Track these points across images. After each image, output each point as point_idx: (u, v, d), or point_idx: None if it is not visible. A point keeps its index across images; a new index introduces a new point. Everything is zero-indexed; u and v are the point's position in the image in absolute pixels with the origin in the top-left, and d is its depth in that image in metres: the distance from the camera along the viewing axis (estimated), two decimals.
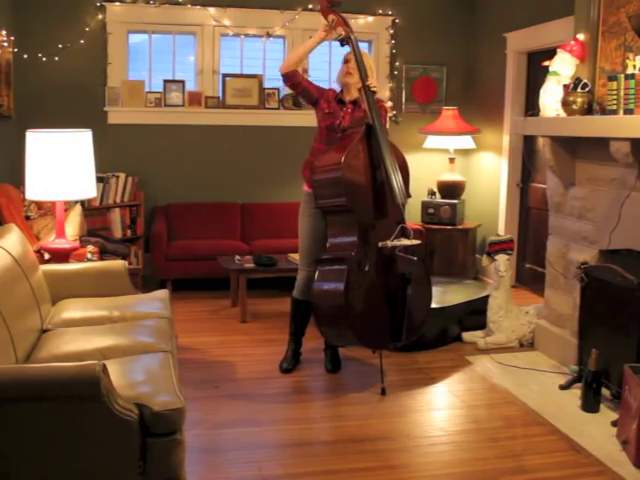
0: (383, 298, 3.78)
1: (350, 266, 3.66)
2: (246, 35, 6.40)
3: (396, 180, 3.76)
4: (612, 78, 3.60)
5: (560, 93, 4.04)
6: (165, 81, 6.31)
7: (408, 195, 3.90)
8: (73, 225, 5.01)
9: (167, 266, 5.81)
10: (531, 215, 6.10)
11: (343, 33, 3.94)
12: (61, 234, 4.24)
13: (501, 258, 4.67)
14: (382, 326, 3.81)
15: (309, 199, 4.01)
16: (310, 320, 4.15)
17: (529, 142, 5.91)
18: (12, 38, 5.56)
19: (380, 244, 3.71)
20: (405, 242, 3.74)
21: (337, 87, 4.14)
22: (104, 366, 2.28)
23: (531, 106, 5.62)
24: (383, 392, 3.83)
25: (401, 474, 3.00)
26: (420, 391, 3.93)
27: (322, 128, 4.02)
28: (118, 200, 6.06)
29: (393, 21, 6.64)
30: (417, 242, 3.78)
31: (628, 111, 3.47)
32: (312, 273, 3.90)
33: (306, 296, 4.02)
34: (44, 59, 5.95)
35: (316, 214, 3.97)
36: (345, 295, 3.62)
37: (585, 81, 3.91)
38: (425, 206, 6.37)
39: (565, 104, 3.96)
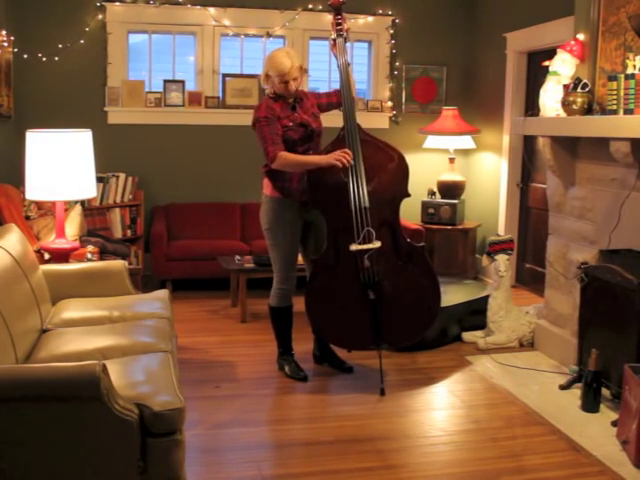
0: (357, 300, 3.82)
1: (317, 266, 3.91)
2: (246, 35, 6.40)
3: (357, 184, 3.75)
4: (612, 78, 3.60)
5: (560, 93, 4.04)
6: (165, 81, 6.31)
7: (397, 195, 3.91)
8: (73, 225, 5.01)
9: (167, 266, 5.81)
10: (531, 215, 6.10)
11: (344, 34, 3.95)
12: (61, 234, 4.24)
13: (501, 258, 4.67)
14: (358, 327, 3.87)
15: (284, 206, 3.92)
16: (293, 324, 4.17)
17: (529, 142, 5.91)
18: (12, 38, 5.56)
19: (351, 248, 3.75)
20: (362, 246, 3.75)
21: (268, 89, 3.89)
22: (104, 366, 2.29)
23: (531, 106, 5.62)
24: (382, 392, 3.84)
25: (401, 474, 3.00)
26: (420, 391, 3.93)
27: (296, 140, 3.82)
28: (118, 200, 6.06)
29: (393, 21, 6.64)
30: (375, 245, 3.76)
31: (628, 111, 3.47)
32: (289, 288, 4.00)
33: (283, 303, 4.04)
34: (44, 59, 5.95)
35: (297, 221, 3.95)
36: (309, 296, 3.88)
37: (585, 81, 3.91)
38: (425, 206, 6.37)
39: (565, 104, 3.95)
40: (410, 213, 6.04)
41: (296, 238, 3.97)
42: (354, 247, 3.76)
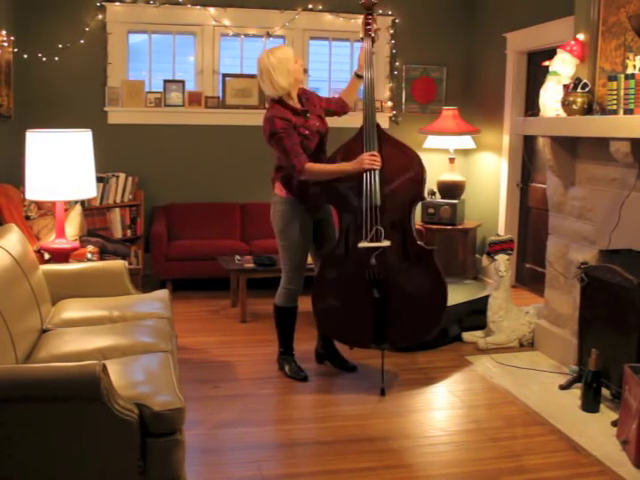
0: (361, 297, 3.82)
1: (326, 261, 3.94)
2: (246, 35, 6.40)
3: (370, 182, 3.75)
4: (612, 78, 3.60)
5: (560, 93, 4.04)
6: (165, 81, 6.31)
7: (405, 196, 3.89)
8: (73, 225, 5.01)
9: (167, 266, 5.81)
10: (531, 215, 6.10)
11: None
12: (61, 234, 4.24)
13: (501, 258, 4.67)
14: (360, 324, 3.86)
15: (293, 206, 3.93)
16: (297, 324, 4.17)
17: (529, 142, 5.91)
18: (12, 38, 5.56)
19: (359, 245, 3.76)
20: (369, 244, 3.74)
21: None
22: (104, 366, 2.29)
23: (531, 106, 5.62)
24: (382, 392, 3.84)
25: (401, 474, 3.00)
26: (420, 391, 3.93)
27: (312, 149, 3.83)
28: (118, 200, 6.06)
29: (393, 21, 6.64)
30: (383, 244, 3.75)
31: (628, 111, 3.47)
32: (297, 289, 4.00)
33: (289, 303, 4.04)
34: (44, 59, 5.95)
35: (309, 222, 3.96)
36: (315, 289, 3.91)
37: (585, 81, 3.91)
38: (425, 206, 6.37)
39: (565, 104, 3.95)
40: None
41: (308, 239, 4.00)
42: (362, 244, 3.77)
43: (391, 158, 3.86)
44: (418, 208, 6.23)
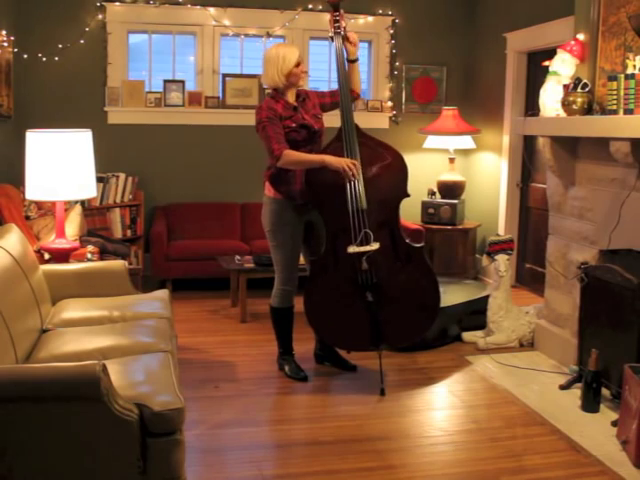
0: (355, 301, 3.81)
1: (315, 267, 3.91)
2: (246, 35, 6.40)
3: (354, 186, 3.72)
4: (612, 78, 3.60)
5: (560, 93, 4.04)
6: (165, 81, 6.31)
7: (396, 196, 3.88)
8: (73, 225, 5.01)
9: (167, 266, 5.81)
10: (531, 215, 6.10)
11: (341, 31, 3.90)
12: (61, 234, 4.24)
13: (501, 258, 4.67)
14: (357, 328, 3.86)
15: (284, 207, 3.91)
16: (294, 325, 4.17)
17: (529, 142, 5.91)
18: (12, 38, 5.56)
19: (349, 250, 3.73)
20: (360, 248, 3.72)
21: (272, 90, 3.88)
22: (104, 366, 2.29)
23: (531, 106, 5.62)
24: (382, 393, 3.83)
25: (401, 474, 3.00)
26: (420, 391, 3.93)
27: (299, 141, 3.80)
28: (118, 200, 6.06)
29: (393, 21, 6.64)
30: (373, 247, 3.73)
31: (628, 111, 3.47)
32: (291, 289, 4.00)
33: (285, 303, 4.03)
34: (44, 59, 5.96)
35: (299, 222, 3.94)
36: (308, 297, 3.87)
37: (585, 81, 3.91)
38: (425, 206, 6.37)
39: (565, 104, 3.96)
40: (410, 213, 6.04)
41: (298, 239, 3.97)
42: (351, 249, 3.74)
43: (372, 158, 3.83)
44: (415, 207, 6.30)
